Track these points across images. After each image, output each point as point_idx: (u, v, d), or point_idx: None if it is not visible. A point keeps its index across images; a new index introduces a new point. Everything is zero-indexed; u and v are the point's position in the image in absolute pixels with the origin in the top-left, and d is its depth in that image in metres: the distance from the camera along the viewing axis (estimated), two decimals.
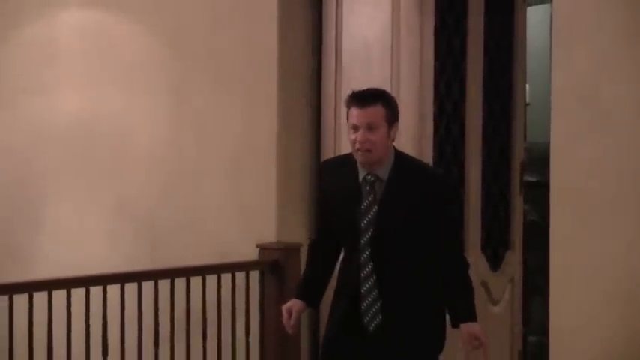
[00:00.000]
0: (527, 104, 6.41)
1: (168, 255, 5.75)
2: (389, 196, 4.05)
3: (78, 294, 4.87)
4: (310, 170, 5.70)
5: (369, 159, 4.03)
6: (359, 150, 4.02)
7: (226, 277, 5.36)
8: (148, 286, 5.11)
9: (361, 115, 4.01)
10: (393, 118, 4.05)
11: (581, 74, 4.43)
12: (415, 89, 5.43)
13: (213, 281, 5.31)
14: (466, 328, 4.03)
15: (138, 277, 5.14)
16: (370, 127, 4.00)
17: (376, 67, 5.48)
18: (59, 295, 4.81)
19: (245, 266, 5.43)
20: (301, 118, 5.70)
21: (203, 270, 5.32)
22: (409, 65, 5.44)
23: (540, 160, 5.37)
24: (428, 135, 5.48)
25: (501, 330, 5.99)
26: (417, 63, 5.45)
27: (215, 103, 5.81)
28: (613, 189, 4.35)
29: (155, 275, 5.19)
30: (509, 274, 6.04)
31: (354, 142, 4.03)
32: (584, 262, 4.37)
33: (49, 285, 4.87)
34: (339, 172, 4.18)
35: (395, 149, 4.12)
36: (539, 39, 6.90)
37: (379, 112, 4.01)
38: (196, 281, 5.27)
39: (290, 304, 4.27)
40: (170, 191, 5.92)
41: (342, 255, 4.25)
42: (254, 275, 5.45)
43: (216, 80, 5.79)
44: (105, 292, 4.98)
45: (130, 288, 5.06)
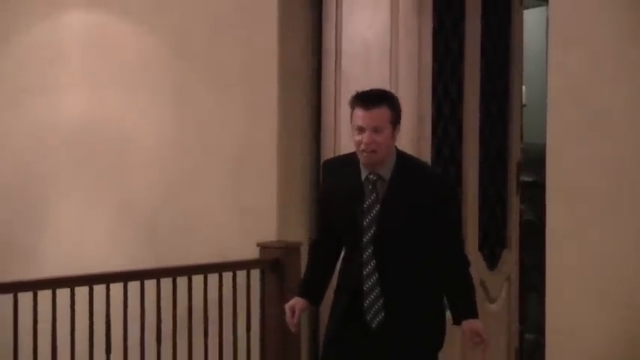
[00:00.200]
0: (523, 106, 6.42)
1: (170, 254, 5.76)
2: (391, 196, 4.05)
3: (82, 292, 4.88)
4: (310, 170, 5.72)
5: (373, 160, 4.03)
6: (364, 151, 4.01)
7: (228, 276, 5.37)
8: (150, 285, 5.13)
9: (367, 117, 3.99)
10: (397, 119, 4.05)
11: (577, 76, 4.43)
12: (413, 91, 5.44)
13: (214, 280, 5.32)
14: (467, 325, 4.04)
15: (140, 275, 5.16)
16: (376, 129, 3.99)
17: (375, 68, 5.48)
18: (63, 294, 4.82)
19: (246, 265, 5.44)
20: (301, 118, 5.70)
21: (205, 269, 5.33)
22: (408, 67, 5.45)
23: (536, 161, 5.37)
24: (426, 136, 5.49)
25: (498, 328, 6.00)
26: (415, 65, 5.46)
27: (216, 104, 5.81)
28: (609, 189, 4.35)
29: (157, 274, 5.20)
30: (506, 272, 6.05)
31: (359, 143, 4.02)
32: (579, 262, 4.37)
33: (53, 283, 4.88)
34: (340, 171, 4.18)
35: (396, 148, 4.12)
36: (535, 41, 6.90)
37: (385, 113, 4.00)
38: (198, 280, 5.28)
39: (293, 302, 4.27)
40: (172, 191, 5.92)
41: (342, 254, 4.24)
42: (255, 274, 5.46)
43: (218, 82, 5.80)
44: (108, 290, 4.99)
45: (133, 286, 5.07)
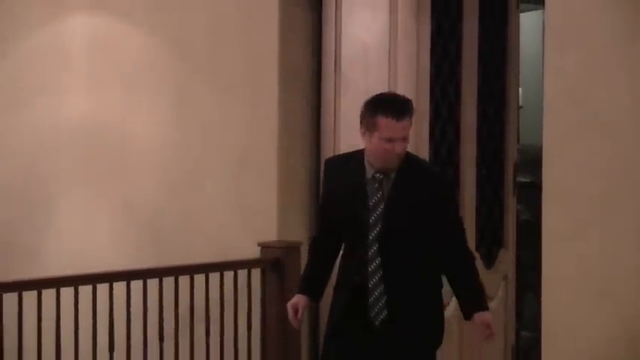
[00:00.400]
0: (520, 107, 6.43)
1: (172, 253, 5.75)
2: (396, 194, 4.06)
3: (85, 291, 4.90)
4: (310, 171, 5.73)
5: (394, 165, 4.04)
6: (392, 158, 4.01)
7: (229, 275, 5.38)
8: (152, 284, 5.14)
9: (398, 128, 3.98)
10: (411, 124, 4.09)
11: (573, 78, 4.43)
12: (412, 92, 5.43)
13: (216, 279, 5.33)
14: (479, 317, 4.06)
15: (143, 274, 5.17)
16: (404, 138, 4.01)
17: (374, 70, 5.49)
18: (67, 292, 4.83)
19: (247, 264, 5.45)
20: (302, 119, 5.71)
21: (206, 268, 5.34)
22: (406, 68, 5.46)
23: (533, 162, 5.38)
24: (424, 137, 5.50)
25: (495, 326, 5.97)
26: (413, 66, 5.47)
27: (218, 105, 5.82)
28: (604, 190, 4.35)
29: (160, 273, 5.21)
30: (502, 271, 6.05)
31: (387, 151, 3.99)
32: (575, 261, 4.37)
33: (57, 282, 4.90)
34: (342, 169, 4.18)
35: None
36: (531, 45, 6.91)
37: (409, 123, 4.03)
38: (200, 279, 5.29)
39: (295, 300, 4.27)
40: (174, 192, 5.92)
41: (342, 251, 4.24)
42: (256, 273, 5.46)
43: (220, 83, 5.80)
44: (111, 289, 5.00)
45: (136, 285, 5.09)
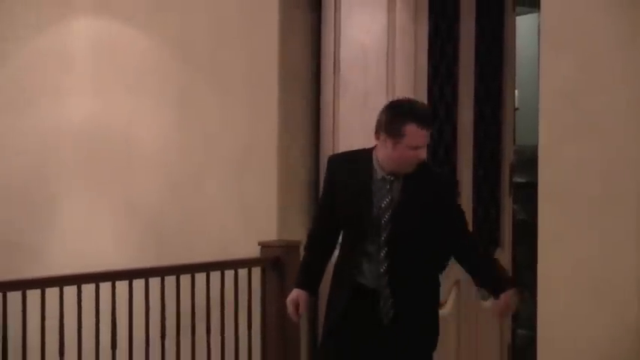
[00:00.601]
0: (516, 109, 6.42)
1: (174, 253, 5.77)
2: (407, 196, 4.07)
3: (88, 289, 4.91)
4: (310, 171, 5.73)
5: (412, 170, 4.08)
6: (413, 164, 4.05)
7: (229, 274, 5.39)
8: (154, 282, 5.15)
9: (426, 136, 4.05)
10: None
11: (568, 80, 4.43)
12: (409, 92, 5.44)
13: (216, 278, 5.34)
14: (505, 296, 4.14)
15: (145, 273, 5.18)
16: (425, 146, 4.09)
17: (373, 71, 5.49)
18: (70, 291, 4.84)
19: (247, 263, 5.46)
20: (301, 120, 5.71)
21: (207, 267, 5.35)
22: (404, 69, 5.46)
23: (529, 162, 5.38)
24: None
25: (491, 324, 6.01)
26: (411, 67, 5.47)
27: (219, 107, 5.83)
28: (599, 190, 4.34)
29: (162, 272, 5.22)
30: None
31: (410, 157, 4.03)
32: (570, 260, 4.37)
33: (60, 281, 4.90)
34: (348, 167, 4.17)
35: None
36: (528, 47, 6.91)
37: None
38: (201, 278, 5.30)
39: (294, 295, 4.25)
40: (176, 192, 5.94)
41: (342, 247, 4.22)
42: (256, 272, 5.48)
43: (220, 85, 5.81)
44: (114, 287, 5.01)
45: (138, 284, 5.10)
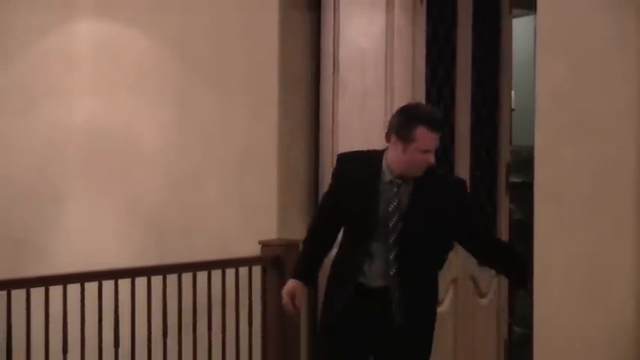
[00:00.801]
0: (512, 110, 6.45)
1: (175, 251, 5.77)
2: (416, 200, 4.07)
3: (91, 288, 4.91)
4: (309, 171, 5.73)
5: (421, 174, 4.08)
6: (422, 168, 4.06)
7: (230, 272, 5.39)
8: (156, 281, 5.15)
9: (435, 140, 4.05)
10: None
11: (564, 81, 4.44)
12: (408, 95, 5.46)
13: (218, 276, 5.35)
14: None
15: (147, 272, 5.18)
16: (435, 150, 4.08)
17: (371, 72, 5.50)
18: (73, 289, 4.85)
19: (248, 262, 5.47)
20: (301, 120, 5.72)
21: (208, 265, 5.35)
22: (402, 72, 5.47)
23: (525, 162, 5.41)
24: None
25: (489, 321, 6.03)
26: (409, 70, 5.48)
27: (219, 107, 5.83)
28: (594, 190, 4.35)
29: (163, 270, 5.22)
30: None
31: (420, 161, 4.03)
32: (565, 259, 4.38)
33: (64, 279, 4.91)
34: (358, 167, 4.16)
35: None
36: (523, 49, 6.92)
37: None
38: (202, 276, 5.31)
39: (291, 286, 4.23)
40: (177, 191, 5.94)
41: (343, 244, 4.21)
42: (256, 270, 5.48)
43: (220, 86, 5.82)
44: (116, 286, 5.02)
45: (140, 282, 5.10)
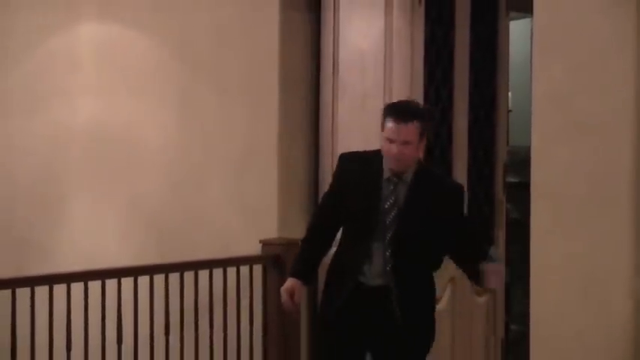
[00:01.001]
0: (509, 111, 6.45)
1: (177, 250, 5.77)
2: (411, 199, 4.06)
3: (94, 286, 4.92)
4: (309, 171, 5.74)
5: (399, 167, 4.06)
6: (392, 160, 4.04)
7: (232, 271, 5.40)
8: (159, 279, 5.16)
9: (398, 132, 3.98)
10: (425, 131, 4.06)
11: (559, 83, 4.46)
12: (406, 95, 5.46)
13: (219, 274, 5.36)
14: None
15: (150, 270, 5.19)
16: (405, 142, 3.99)
17: (370, 74, 5.50)
18: (77, 288, 4.86)
19: (249, 260, 5.48)
20: (301, 121, 5.73)
21: (210, 264, 5.36)
22: (401, 73, 5.48)
23: (522, 162, 5.41)
24: None
25: (486, 319, 6.03)
26: (408, 71, 5.49)
27: (220, 108, 5.85)
28: (589, 189, 4.37)
29: (166, 269, 5.23)
30: None
31: (387, 151, 4.02)
32: (560, 259, 4.40)
33: (67, 278, 4.91)
34: (359, 165, 4.16)
35: (420, 158, 4.14)
36: (520, 51, 6.93)
37: (415, 129, 4.00)
38: (204, 274, 5.32)
39: (290, 285, 4.20)
40: (179, 191, 5.96)
41: (343, 241, 4.21)
42: (257, 269, 5.49)
43: (221, 87, 5.83)
44: (119, 284, 5.02)
45: (143, 281, 5.11)
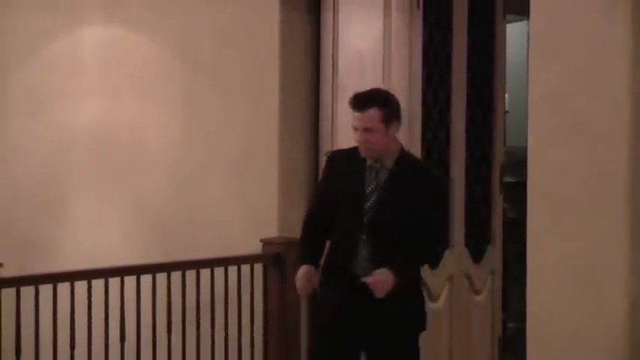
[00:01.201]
0: (506, 112, 6.47)
1: (179, 249, 5.78)
2: (390, 184, 4.12)
3: (98, 285, 4.93)
4: (309, 171, 5.75)
5: (369, 154, 4.13)
6: (361, 148, 4.13)
7: (233, 270, 5.41)
8: (161, 278, 5.17)
9: (358, 119, 4.08)
10: (390, 117, 4.10)
11: (556, 84, 4.46)
12: (405, 97, 5.46)
13: (220, 273, 5.37)
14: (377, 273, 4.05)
15: (152, 269, 5.20)
16: (367, 129, 4.06)
17: (369, 75, 5.50)
18: (81, 286, 4.87)
19: (250, 259, 5.49)
20: (301, 122, 5.74)
21: (212, 263, 5.37)
22: (399, 75, 5.49)
23: (518, 163, 5.42)
24: (416, 140, 5.54)
25: (483, 317, 6.04)
26: (406, 73, 5.50)
27: (222, 109, 5.86)
28: (585, 189, 4.37)
29: (168, 268, 5.24)
30: (490, 266, 6.08)
31: (355, 140, 4.13)
32: (557, 258, 4.40)
33: (71, 276, 4.92)
34: (347, 159, 4.24)
35: (402, 145, 4.22)
36: (517, 53, 6.94)
37: (375, 115, 4.06)
38: (205, 273, 5.33)
39: (305, 270, 4.17)
40: (181, 191, 5.96)
41: (333, 236, 4.25)
42: (258, 267, 5.50)
43: (223, 88, 5.84)
44: (122, 283, 5.03)
45: (145, 279, 5.12)
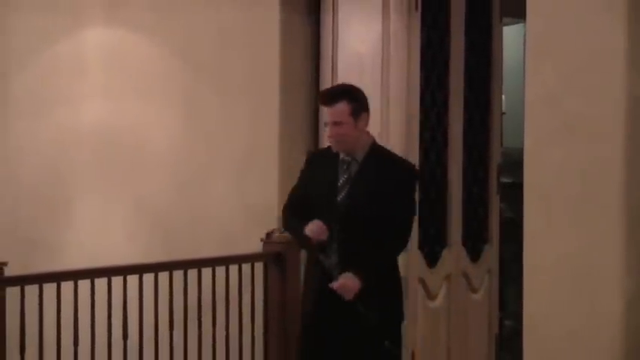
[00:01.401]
0: (503, 113, 6.49)
1: (181, 249, 5.79)
2: (360, 176, 4.20)
3: (101, 284, 4.93)
4: None
5: (339, 148, 4.23)
6: (331, 142, 4.24)
7: (234, 268, 5.40)
8: (163, 277, 5.16)
9: (328, 113, 4.19)
10: (359, 110, 4.18)
11: (552, 86, 4.48)
12: (403, 99, 5.52)
13: (221, 272, 5.36)
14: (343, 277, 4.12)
15: (154, 268, 5.18)
16: (336, 123, 4.16)
17: (368, 76, 5.52)
18: (84, 285, 4.86)
19: (250, 258, 5.48)
20: (301, 123, 5.75)
21: (213, 262, 5.36)
22: (398, 76, 5.51)
23: (515, 164, 5.44)
24: (414, 141, 5.56)
25: (480, 315, 6.06)
26: (404, 74, 5.53)
27: (223, 110, 5.86)
28: (581, 190, 4.38)
29: (170, 266, 5.23)
30: (487, 265, 6.11)
31: (326, 134, 4.26)
32: (553, 258, 4.41)
33: (74, 275, 4.91)
34: (322, 157, 4.36)
35: (373, 139, 4.29)
36: (514, 55, 6.95)
37: (344, 109, 4.15)
38: (207, 272, 5.32)
39: (315, 224, 4.18)
40: (183, 191, 5.97)
41: None
42: (259, 266, 5.50)
43: (224, 90, 5.85)
44: (125, 282, 5.02)
45: (148, 278, 5.11)
